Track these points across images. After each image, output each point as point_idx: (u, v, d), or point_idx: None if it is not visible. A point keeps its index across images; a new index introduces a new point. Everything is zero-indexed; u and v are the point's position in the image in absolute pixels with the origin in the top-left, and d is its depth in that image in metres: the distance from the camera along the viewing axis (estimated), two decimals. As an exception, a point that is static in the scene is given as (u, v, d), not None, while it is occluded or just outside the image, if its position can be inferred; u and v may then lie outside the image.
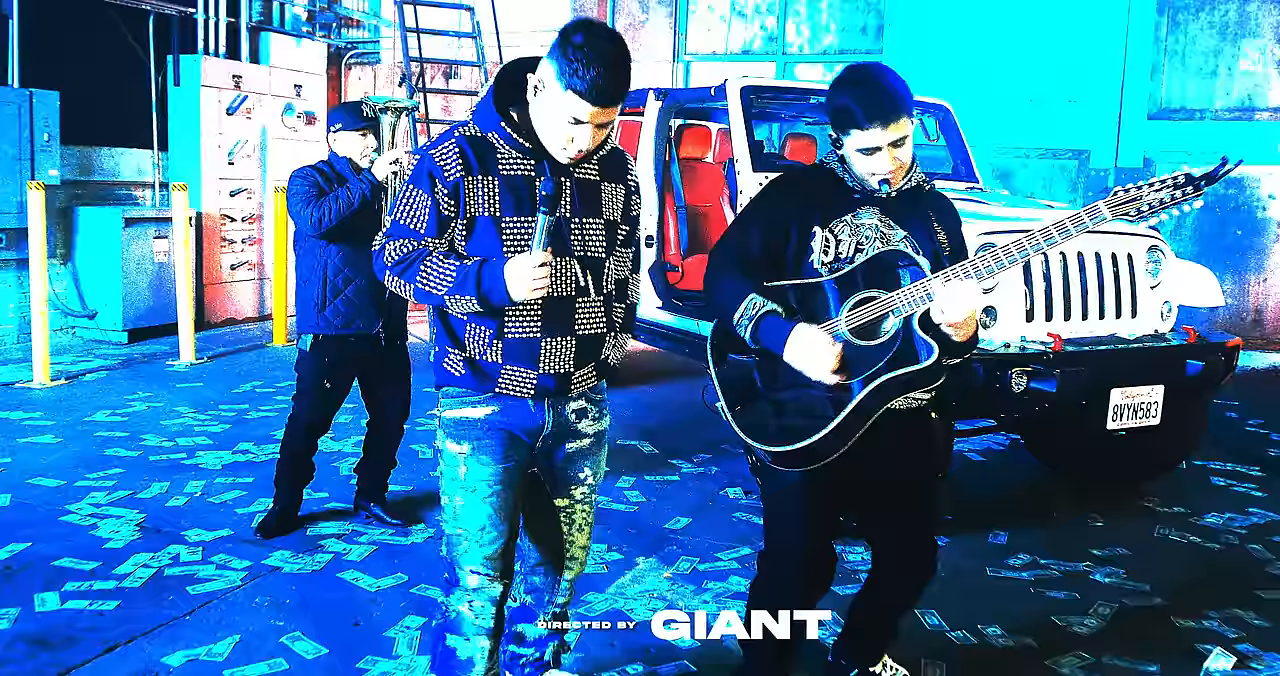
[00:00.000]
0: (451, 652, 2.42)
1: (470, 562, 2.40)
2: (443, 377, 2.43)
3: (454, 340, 2.40)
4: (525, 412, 2.41)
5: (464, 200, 2.27)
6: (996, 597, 3.65)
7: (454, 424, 2.40)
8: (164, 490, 4.47)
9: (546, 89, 2.20)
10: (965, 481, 5.23)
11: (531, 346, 2.34)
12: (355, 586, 3.55)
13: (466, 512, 2.40)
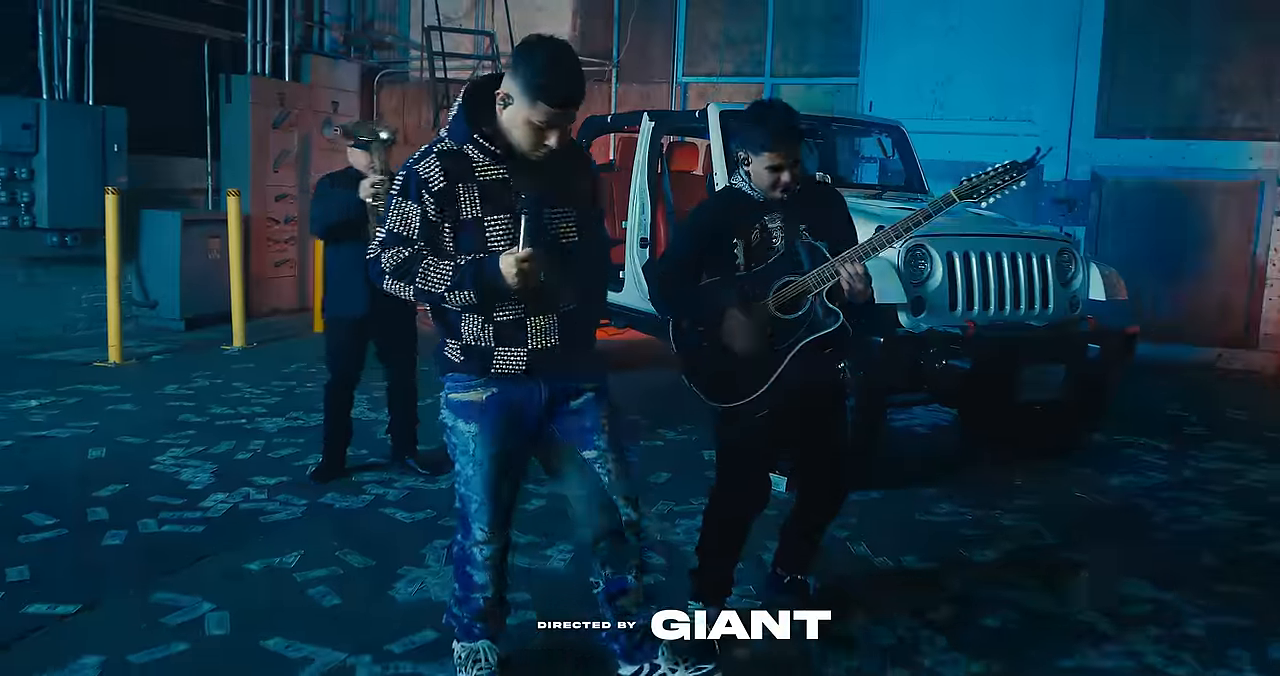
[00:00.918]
0: (470, 576, 2.75)
1: (478, 521, 2.68)
2: (444, 366, 2.63)
3: (451, 332, 2.59)
4: (522, 389, 2.59)
5: (449, 206, 2.46)
6: (917, 535, 4.25)
7: (460, 406, 2.61)
8: (230, 447, 5.12)
9: (515, 100, 2.38)
10: (908, 449, 5.84)
11: (518, 327, 2.54)
12: (394, 519, 4.20)
13: (475, 482, 2.64)
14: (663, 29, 10.32)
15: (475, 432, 2.60)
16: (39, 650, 2.93)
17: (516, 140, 2.44)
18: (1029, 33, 8.99)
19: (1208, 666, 3.14)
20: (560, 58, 2.37)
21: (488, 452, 2.61)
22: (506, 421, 2.60)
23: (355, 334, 4.59)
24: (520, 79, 2.36)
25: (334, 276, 4.60)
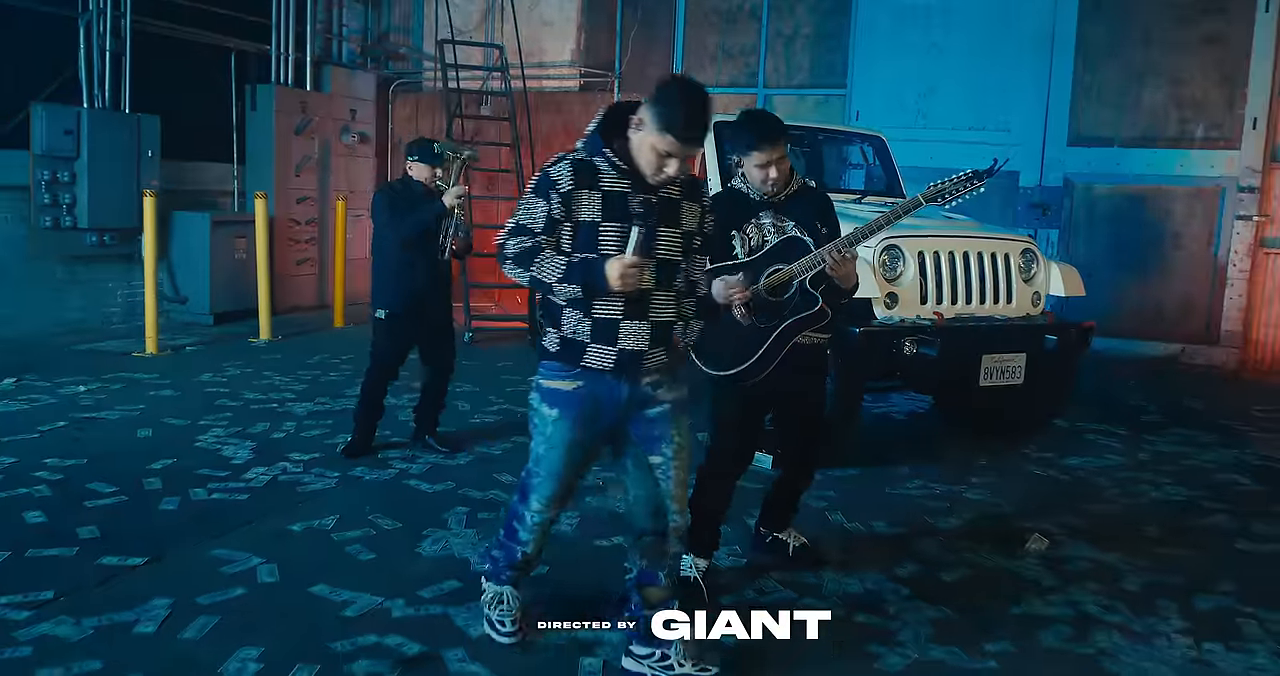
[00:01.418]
0: (516, 530, 2.96)
1: (538, 494, 2.86)
2: (542, 353, 2.78)
3: (554, 322, 2.73)
4: (607, 385, 2.73)
5: (572, 208, 2.63)
6: (888, 505, 4.60)
7: (548, 392, 2.77)
8: (266, 428, 5.46)
9: (645, 127, 2.58)
10: (886, 432, 6.17)
11: (612, 327, 2.68)
12: (417, 489, 4.54)
13: (545, 460, 2.82)
14: (662, 42, 10.57)
15: (556, 418, 2.76)
16: (116, 593, 3.27)
17: (640, 162, 2.63)
18: (1006, 48, 9.28)
19: (1139, 614, 3.49)
20: (693, 98, 2.56)
21: (563, 438, 2.77)
22: (586, 414, 2.75)
23: (408, 331, 4.93)
24: (655, 109, 2.55)
25: (394, 278, 4.87)
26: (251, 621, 3.10)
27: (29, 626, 3.00)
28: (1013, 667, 3.05)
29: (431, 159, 4.87)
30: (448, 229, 4.78)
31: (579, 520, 4.18)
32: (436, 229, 4.78)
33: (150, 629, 3.03)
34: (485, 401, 6.35)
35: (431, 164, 4.88)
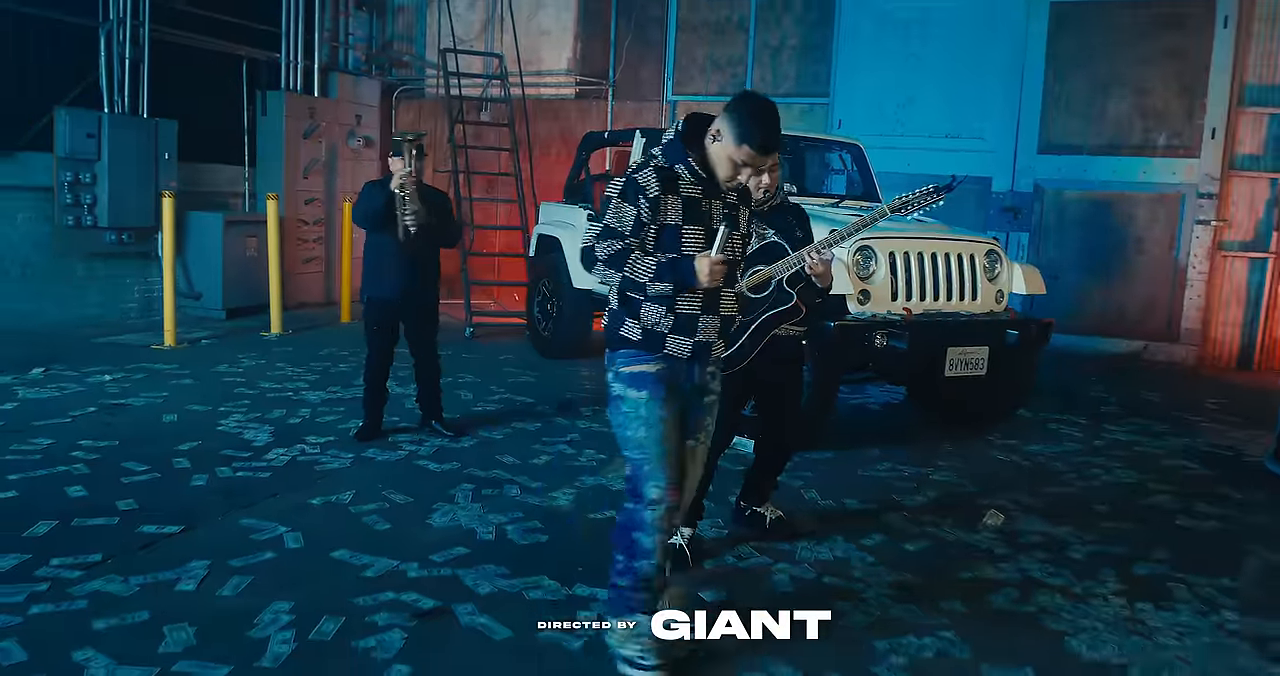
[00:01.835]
0: (637, 541, 2.85)
1: (654, 480, 2.82)
2: (619, 342, 2.88)
3: (633, 315, 2.86)
4: (682, 370, 2.90)
5: (657, 212, 2.76)
6: (859, 485, 4.88)
7: (632, 376, 2.85)
8: (282, 414, 5.72)
9: (723, 139, 2.74)
10: (860, 421, 6.46)
11: (692, 321, 2.86)
12: (426, 469, 4.81)
13: (647, 442, 2.83)
14: (654, 52, 10.82)
15: (646, 398, 2.84)
16: (157, 556, 3.55)
17: (718, 170, 2.80)
18: (980, 61, 9.55)
19: (1080, 579, 3.78)
20: (766, 113, 2.74)
21: (658, 415, 2.84)
22: (669, 391, 2.87)
23: (388, 313, 5.20)
24: (732, 122, 2.72)
25: (372, 265, 5.16)
26: (281, 581, 3.38)
27: (81, 583, 3.28)
28: (963, 624, 3.33)
29: (395, 151, 5.03)
30: (399, 210, 4.92)
31: (575, 494, 4.47)
32: (388, 212, 4.93)
33: (191, 586, 3.31)
34: (487, 391, 6.62)
35: (398, 155, 5.01)
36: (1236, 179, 9.12)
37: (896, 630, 3.25)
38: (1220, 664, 3.14)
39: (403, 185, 4.88)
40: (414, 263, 5.10)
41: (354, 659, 2.87)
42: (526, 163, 9.95)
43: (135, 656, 2.82)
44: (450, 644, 3.01)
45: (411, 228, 4.94)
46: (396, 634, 3.03)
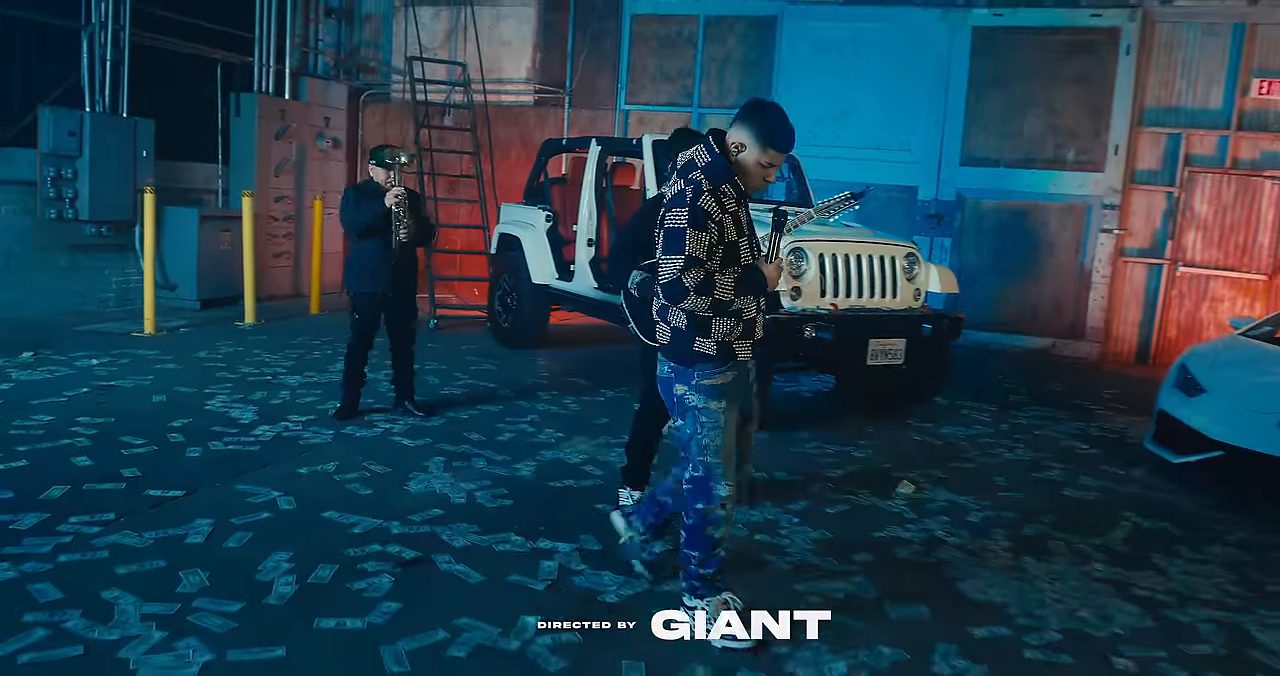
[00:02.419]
0: (711, 537, 3.09)
1: (726, 480, 3.06)
2: (695, 358, 3.02)
3: (704, 332, 3.00)
4: (746, 370, 3.14)
5: (719, 232, 2.94)
6: (789, 460, 5.32)
7: (712, 389, 3.02)
8: (264, 396, 6.01)
9: (748, 148, 2.93)
10: (793, 406, 6.91)
11: (752, 325, 3.08)
12: (401, 444, 5.16)
13: (717, 446, 3.03)
14: (609, 64, 11.14)
15: (725, 407, 3.05)
16: (165, 515, 3.87)
17: (751, 179, 3.00)
18: (908, 79, 10.07)
19: (976, 538, 4.27)
20: (782, 117, 2.96)
21: (729, 420, 3.06)
22: (738, 395, 3.11)
23: (376, 305, 5.53)
24: (753, 130, 2.92)
25: (361, 262, 5.49)
26: (278, 536, 3.73)
27: (100, 537, 3.60)
28: (872, 572, 3.79)
29: (382, 163, 5.39)
30: (394, 223, 5.30)
31: (536, 466, 4.86)
32: (386, 223, 5.31)
33: (199, 540, 3.64)
34: (452, 377, 6.96)
35: (385, 167, 5.40)
36: (1136, 192, 9.78)
37: (814, 576, 3.70)
38: (1084, 602, 3.62)
39: (399, 203, 5.26)
40: (399, 262, 5.46)
41: (350, 597, 3.24)
42: (488, 165, 10.27)
43: (157, 595, 3.15)
44: (432, 585, 3.38)
45: (405, 239, 5.33)
46: (385, 578, 3.39)
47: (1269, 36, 9.34)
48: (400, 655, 2.86)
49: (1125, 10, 9.60)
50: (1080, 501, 4.98)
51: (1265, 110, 9.40)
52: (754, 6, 10.67)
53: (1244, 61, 9.38)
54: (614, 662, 2.90)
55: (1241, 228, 9.48)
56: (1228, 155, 9.48)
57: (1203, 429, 5.24)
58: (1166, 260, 9.70)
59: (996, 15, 9.93)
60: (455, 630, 3.03)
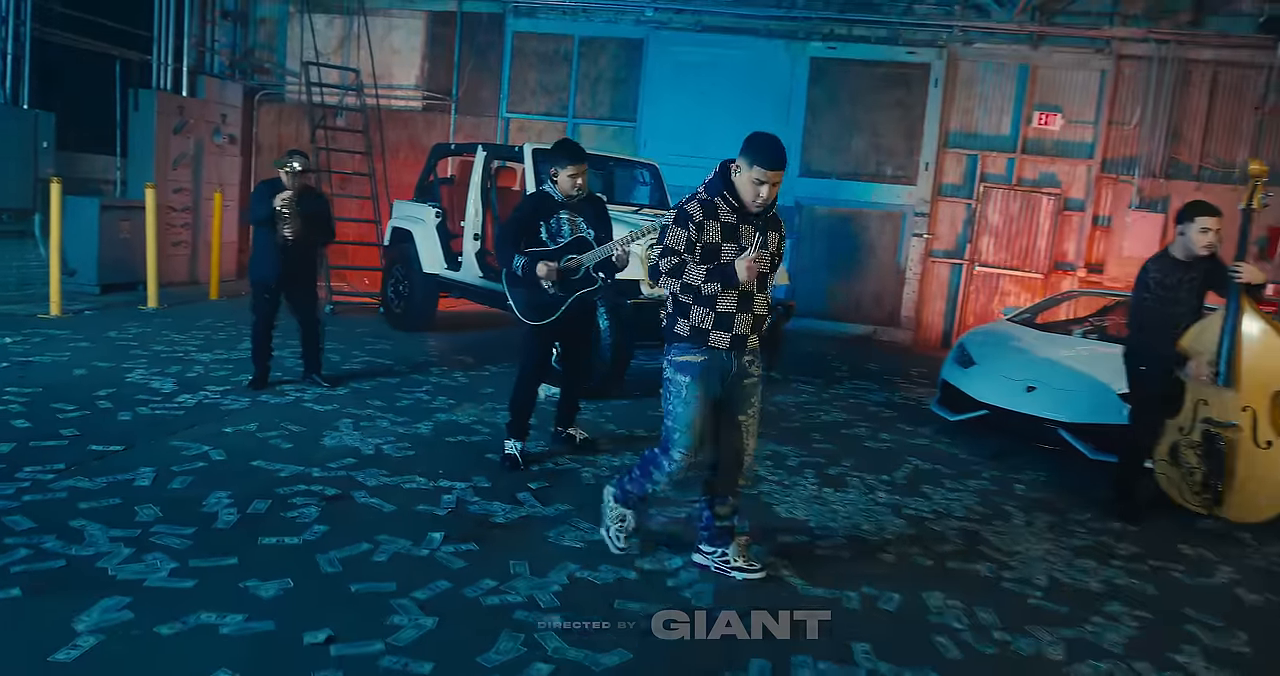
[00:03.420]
0: (650, 474, 3.49)
1: (681, 446, 3.35)
2: (673, 338, 3.36)
3: (684, 315, 3.34)
4: (722, 359, 3.34)
5: (700, 233, 3.27)
6: (647, 421, 6.01)
7: (681, 364, 3.34)
8: (180, 370, 6.29)
9: (742, 169, 3.24)
10: (652, 379, 7.63)
11: (729, 318, 3.32)
12: (312, 409, 5.59)
13: (682, 416, 3.34)
14: (492, 76, 11.60)
15: (689, 383, 3.34)
16: (111, 465, 4.24)
17: (744, 194, 3.28)
18: (757, 100, 10.93)
19: (790, 476, 5.08)
20: (769, 142, 3.25)
21: (694, 396, 3.33)
22: (708, 377, 3.35)
23: (268, 291, 5.91)
24: (745, 154, 3.26)
25: (258, 253, 5.88)
26: (215, 479, 4.17)
27: (56, 482, 3.96)
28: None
29: (280, 164, 5.77)
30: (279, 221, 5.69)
31: (433, 425, 5.41)
32: (273, 218, 5.68)
33: (146, 483, 4.05)
34: (351, 355, 7.38)
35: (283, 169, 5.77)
36: (943, 203, 10.99)
37: (667, 505, 4.40)
38: (867, 519, 4.47)
39: (285, 206, 5.66)
40: (290, 254, 5.83)
41: (284, 523, 3.75)
42: (379, 164, 10.60)
43: (119, 523, 3.58)
44: (353, 514, 3.92)
45: (289, 238, 5.73)
46: (313, 508, 3.91)
47: (1046, 77, 10.71)
48: (333, 560, 3.42)
49: (934, 49, 10.78)
50: (876, 450, 5.90)
51: (1043, 138, 10.77)
52: (624, 30, 11.36)
53: (1028, 97, 10.71)
54: (503, 562, 3.53)
55: (1024, 234, 10.83)
56: (1014, 174, 10.81)
57: (972, 393, 6.26)
58: (966, 260, 10.95)
59: (830, 48, 10.96)
60: (376, 543, 3.60)
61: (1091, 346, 6.46)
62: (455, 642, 2.89)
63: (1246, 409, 4.49)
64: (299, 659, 2.72)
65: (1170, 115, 10.36)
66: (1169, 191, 10.32)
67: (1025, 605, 3.60)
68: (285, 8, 11.80)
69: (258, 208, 5.77)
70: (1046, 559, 4.13)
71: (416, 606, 3.11)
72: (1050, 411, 5.86)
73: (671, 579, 3.54)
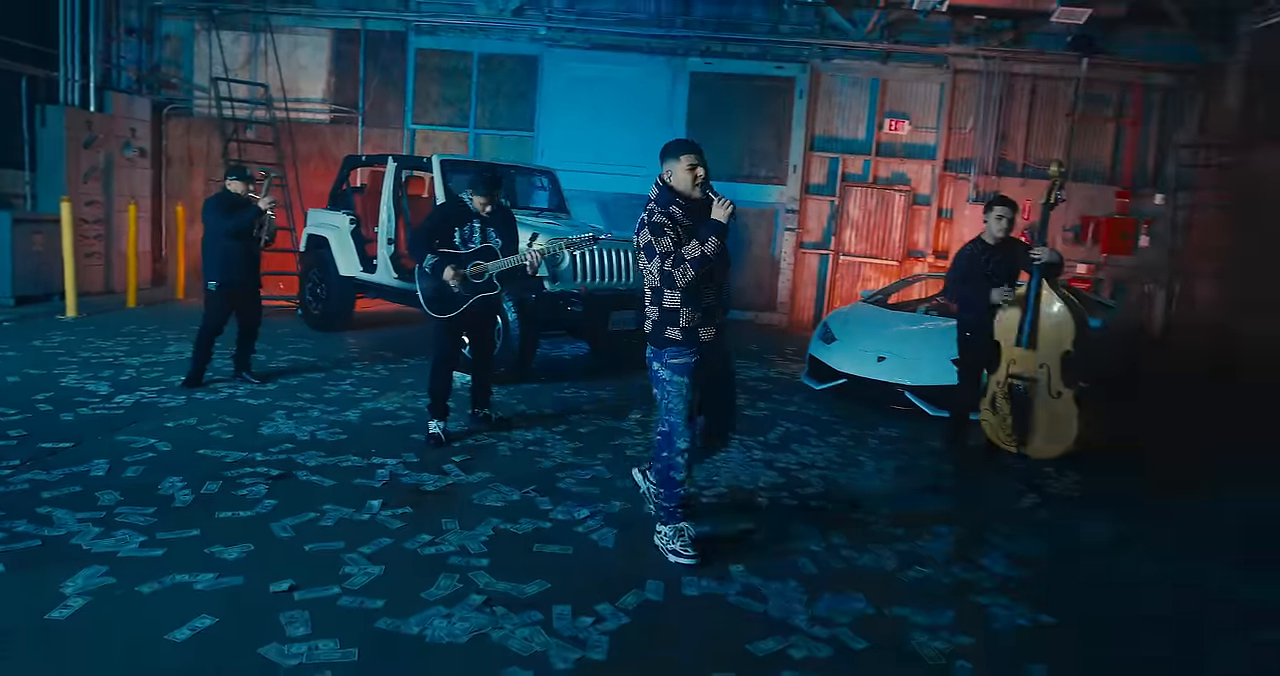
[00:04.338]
0: (674, 478, 3.58)
1: (684, 437, 3.54)
2: (665, 342, 3.48)
3: (674, 319, 3.45)
4: (708, 349, 3.54)
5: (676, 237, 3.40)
6: (554, 402, 6.42)
7: (678, 366, 3.49)
8: (112, 373, 6.34)
9: (674, 168, 3.42)
10: (557, 365, 8.07)
11: (711, 312, 3.51)
12: (246, 403, 5.78)
13: (678, 410, 3.51)
14: (397, 89, 11.70)
15: (686, 383, 3.51)
16: (65, 459, 4.40)
17: (684, 185, 3.43)
18: (644, 111, 11.44)
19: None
20: (681, 138, 3.56)
21: (689, 392, 3.53)
22: (698, 372, 3.53)
23: (232, 297, 6.07)
24: (671, 155, 3.47)
25: (223, 260, 5.98)
26: (166, 467, 4.38)
27: (15, 476, 4.11)
28: (609, 464, 4.97)
29: (245, 178, 6.01)
30: (261, 226, 5.97)
31: (361, 413, 5.69)
32: (251, 225, 5.96)
33: (101, 473, 4.24)
34: (276, 355, 7.51)
35: (244, 181, 6.01)
36: (810, 200, 11.73)
37: (570, 468, 4.85)
38: (743, 472, 5.01)
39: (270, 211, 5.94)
40: (253, 259, 6.07)
41: (237, 499, 4.02)
42: (292, 174, 10.62)
43: (84, 507, 3.79)
44: (296, 489, 4.22)
45: (270, 240, 6.02)
46: (260, 487, 4.19)
47: (895, 89, 11.56)
48: (286, 527, 3.73)
49: (798, 64, 11.49)
50: (754, 417, 6.46)
51: (893, 141, 11.62)
52: (520, 47, 11.66)
53: (880, 106, 11.54)
54: (436, 521, 3.91)
55: (881, 227, 11.67)
56: (870, 174, 11.63)
57: (834, 365, 6.92)
58: (832, 251, 11.73)
59: (707, 63, 11.53)
60: (322, 512, 3.92)
61: (931, 321, 7.21)
62: (401, 583, 3.27)
63: (1043, 366, 5.23)
64: (268, 604, 3.05)
65: (999, 121, 11.35)
66: (999, 187, 11.31)
67: (869, 530, 4.20)
68: (191, 25, 11.62)
69: (232, 220, 5.89)
70: (889, 495, 4.76)
71: (364, 558, 3.46)
72: (897, 377, 6.57)
73: (580, 526, 3.99)
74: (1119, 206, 11.13)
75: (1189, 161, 10.93)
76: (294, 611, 3.01)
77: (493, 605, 3.15)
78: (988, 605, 3.47)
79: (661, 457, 3.59)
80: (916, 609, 3.37)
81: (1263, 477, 5.43)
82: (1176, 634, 3.36)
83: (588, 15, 11.51)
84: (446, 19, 11.56)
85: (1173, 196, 11.08)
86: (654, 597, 3.32)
